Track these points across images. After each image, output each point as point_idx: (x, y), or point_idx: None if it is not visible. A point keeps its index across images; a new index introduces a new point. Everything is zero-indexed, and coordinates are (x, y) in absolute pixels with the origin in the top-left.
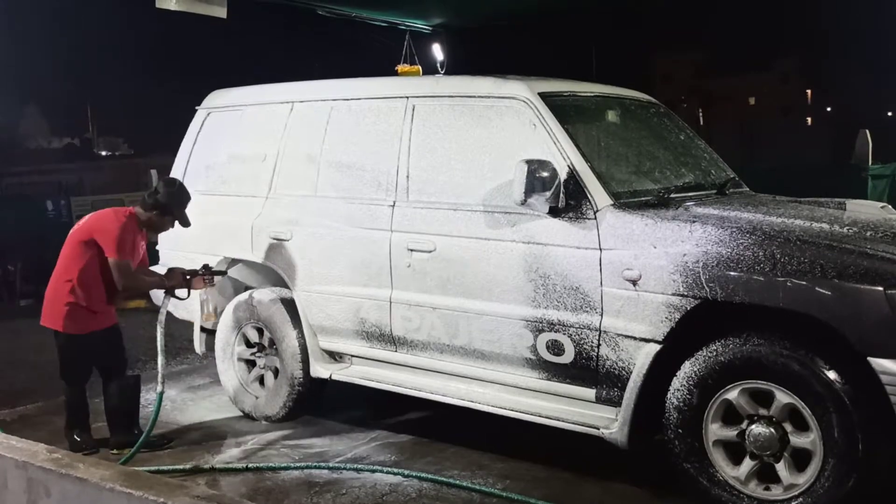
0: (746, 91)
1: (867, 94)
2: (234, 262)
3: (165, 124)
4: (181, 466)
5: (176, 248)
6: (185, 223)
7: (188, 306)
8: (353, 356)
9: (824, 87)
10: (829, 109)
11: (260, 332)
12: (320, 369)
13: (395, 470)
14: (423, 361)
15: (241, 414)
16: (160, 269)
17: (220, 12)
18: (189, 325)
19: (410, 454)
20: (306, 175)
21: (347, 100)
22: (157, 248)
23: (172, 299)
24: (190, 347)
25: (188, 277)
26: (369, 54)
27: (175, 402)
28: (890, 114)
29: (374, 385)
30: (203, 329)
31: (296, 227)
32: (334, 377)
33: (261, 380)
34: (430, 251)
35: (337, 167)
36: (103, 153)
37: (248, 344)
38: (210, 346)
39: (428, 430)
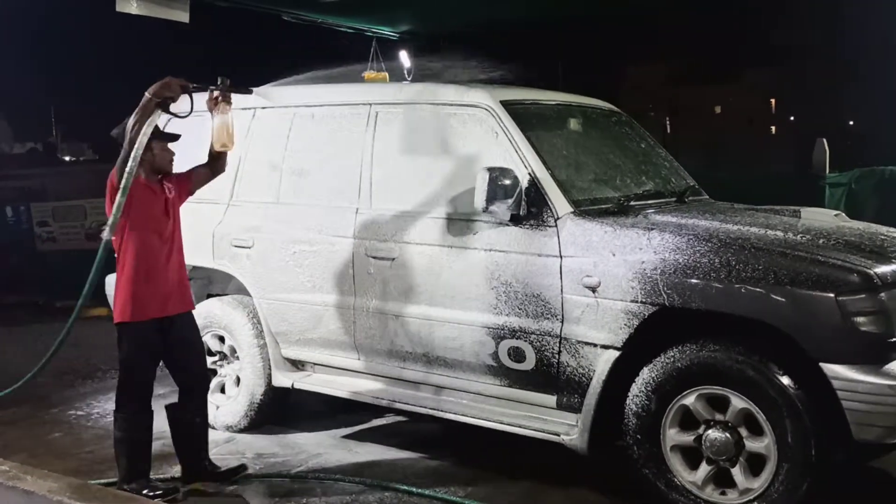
0: (712, 101)
1: (830, 104)
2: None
3: None
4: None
5: None
6: (169, 137)
7: None
8: (315, 364)
9: (788, 97)
10: (792, 119)
11: (221, 340)
12: (282, 378)
13: (358, 479)
14: (385, 369)
15: None
16: None
17: (183, 16)
18: None
19: (373, 463)
20: (268, 181)
21: (310, 106)
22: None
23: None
24: None
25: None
26: (336, 61)
27: None
28: (851, 123)
29: (336, 394)
30: None
31: (258, 235)
32: (297, 386)
33: (222, 388)
34: (392, 259)
35: (300, 174)
36: (67, 158)
37: (209, 352)
38: None
39: (391, 438)
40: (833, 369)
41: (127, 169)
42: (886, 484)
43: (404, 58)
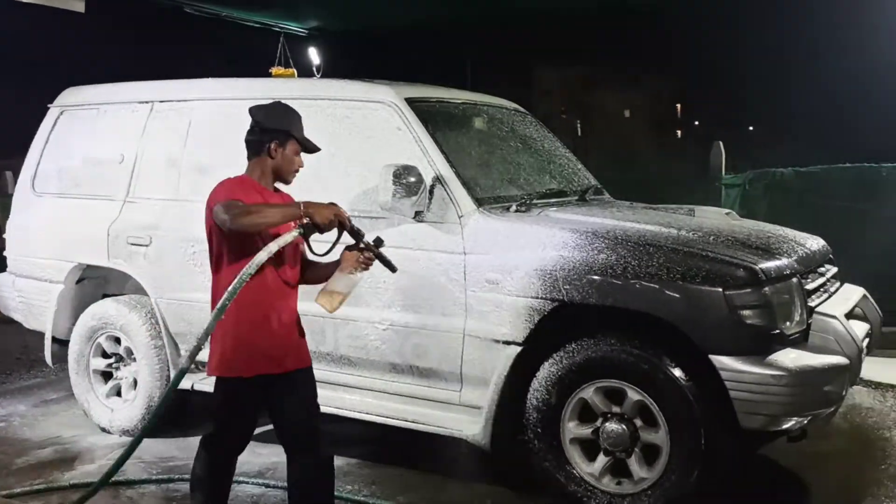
0: (622, 105)
1: (733, 111)
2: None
3: (26, 125)
4: (30, 487)
5: (23, 253)
6: (312, 145)
7: (39, 316)
8: None
9: (692, 102)
10: (696, 123)
11: (117, 341)
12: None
13: (260, 481)
14: None
15: (97, 429)
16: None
17: (78, 6)
18: (41, 336)
19: (277, 464)
20: (167, 178)
21: (211, 100)
22: (5, 253)
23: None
24: (42, 359)
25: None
26: (245, 56)
27: (25, 418)
28: (751, 128)
29: None
30: (55, 340)
31: (155, 233)
32: (197, 387)
33: (118, 392)
34: None
35: (200, 169)
36: None
37: (105, 355)
38: (63, 357)
39: None
40: (721, 361)
41: (239, 276)
42: (772, 470)
43: (313, 54)
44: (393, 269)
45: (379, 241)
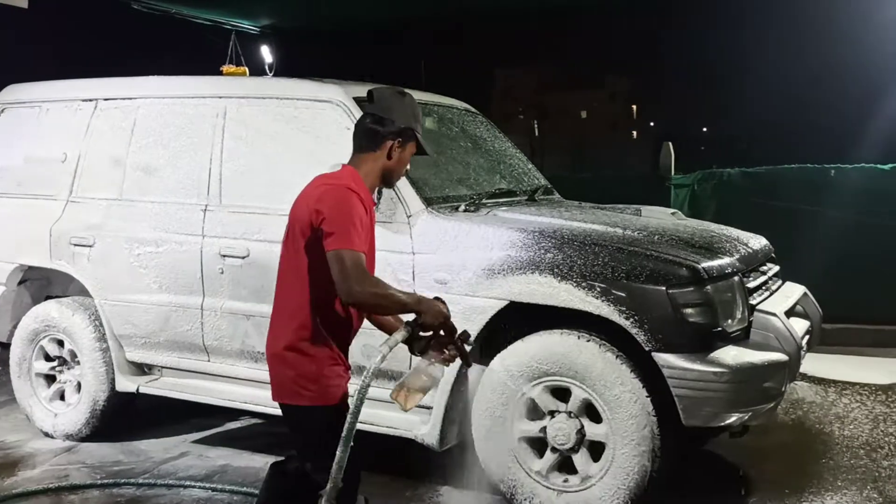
0: (579, 106)
1: (687, 112)
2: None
3: None
4: None
5: None
6: (428, 149)
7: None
8: (163, 367)
9: (648, 104)
10: (652, 124)
11: (60, 344)
12: (127, 382)
13: (207, 485)
14: (237, 371)
15: (40, 433)
16: None
17: (21, 2)
18: None
19: (225, 467)
20: (111, 177)
21: (157, 98)
22: None
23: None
24: None
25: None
26: (196, 55)
27: None
28: (705, 129)
29: (185, 397)
30: None
31: (99, 233)
32: (142, 390)
33: (62, 395)
34: (243, 257)
35: (145, 169)
36: None
37: (48, 358)
38: (4, 360)
39: (243, 441)
40: (664, 358)
41: (359, 391)
42: (715, 465)
43: (265, 53)
44: (469, 364)
45: (466, 336)
